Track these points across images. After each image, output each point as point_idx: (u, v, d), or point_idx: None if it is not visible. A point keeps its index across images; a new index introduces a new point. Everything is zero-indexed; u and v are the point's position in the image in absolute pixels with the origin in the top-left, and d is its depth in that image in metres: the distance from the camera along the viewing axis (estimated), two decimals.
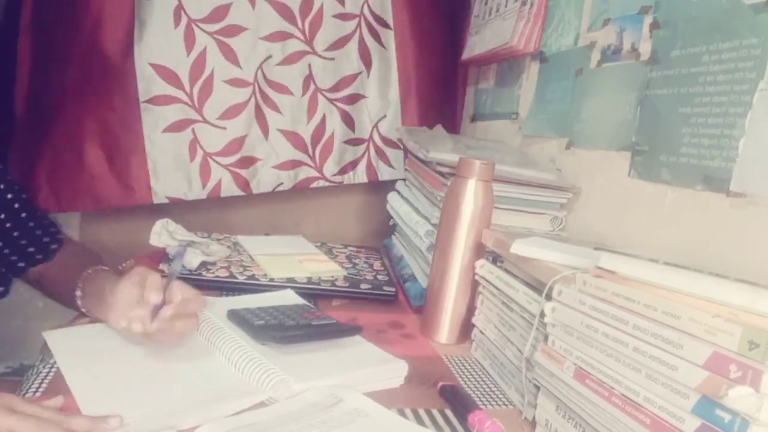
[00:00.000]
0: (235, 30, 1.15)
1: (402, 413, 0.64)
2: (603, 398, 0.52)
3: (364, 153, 1.31)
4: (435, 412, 0.66)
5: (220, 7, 1.13)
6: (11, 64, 1.08)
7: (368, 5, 1.24)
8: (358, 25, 1.24)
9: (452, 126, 1.37)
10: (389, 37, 1.27)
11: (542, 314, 0.62)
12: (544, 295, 0.62)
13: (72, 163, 1.11)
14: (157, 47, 1.11)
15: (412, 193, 1.15)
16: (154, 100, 1.12)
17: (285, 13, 1.18)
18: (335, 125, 1.28)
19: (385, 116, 1.30)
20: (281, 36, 1.19)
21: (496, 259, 0.80)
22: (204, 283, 0.96)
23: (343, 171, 1.31)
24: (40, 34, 1.06)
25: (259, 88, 1.20)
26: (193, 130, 1.16)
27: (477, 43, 1.31)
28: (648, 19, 0.82)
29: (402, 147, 1.33)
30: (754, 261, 0.62)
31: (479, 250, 0.84)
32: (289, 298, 0.93)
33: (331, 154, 1.29)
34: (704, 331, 0.43)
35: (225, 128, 1.18)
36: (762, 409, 0.38)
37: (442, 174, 0.95)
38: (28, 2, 1.06)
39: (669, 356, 0.45)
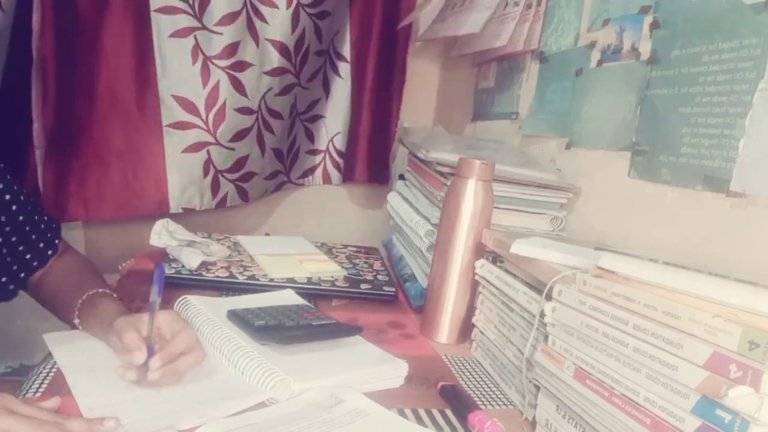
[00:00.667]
0: (243, 65, 1.32)
1: (402, 413, 0.64)
2: (603, 398, 0.52)
3: (321, 161, 1.59)
4: (435, 412, 0.66)
5: (231, 45, 1.29)
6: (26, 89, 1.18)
7: (333, 43, 1.49)
8: (325, 60, 1.50)
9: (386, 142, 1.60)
10: (346, 68, 1.52)
11: (542, 314, 0.62)
12: (544, 295, 0.62)
13: (99, 177, 1.26)
14: (178, 81, 1.28)
15: (412, 193, 1.15)
16: (176, 125, 1.29)
17: (283, 51, 1.36)
18: (301, 140, 1.55)
19: (338, 133, 1.57)
20: (280, 71, 1.38)
21: (496, 259, 0.80)
22: (204, 283, 0.96)
23: (304, 175, 1.58)
24: (64, 63, 1.20)
25: (262, 116, 1.39)
26: (208, 151, 1.32)
27: (441, 29, 1.34)
28: (648, 19, 0.82)
29: (348, 158, 1.58)
30: (754, 261, 0.63)
31: (479, 250, 0.84)
32: (289, 298, 0.93)
33: (296, 162, 1.56)
34: (704, 331, 0.43)
35: (234, 149, 1.35)
36: (762, 409, 0.38)
37: (442, 174, 0.95)
38: (48, 33, 1.17)
39: (669, 356, 0.45)
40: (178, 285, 0.93)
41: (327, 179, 1.61)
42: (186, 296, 0.82)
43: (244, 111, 1.34)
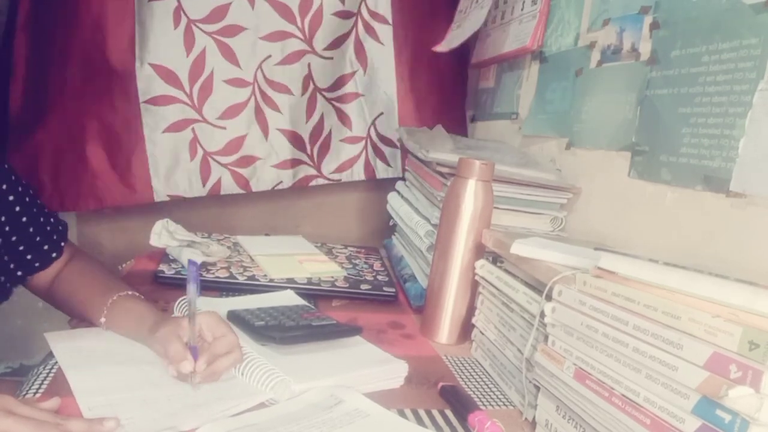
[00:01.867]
0: (234, 30, 1.15)
1: (402, 413, 0.64)
2: (603, 398, 0.52)
3: (362, 151, 1.31)
4: (435, 412, 0.66)
5: (220, 8, 1.13)
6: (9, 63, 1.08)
7: (366, 3, 1.24)
8: (355, 23, 1.24)
9: (457, 127, 1.36)
10: (387, 32, 1.26)
11: (542, 314, 0.62)
12: (544, 295, 0.62)
13: (74, 163, 1.11)
14: (157, 48, 1.11)
15: (412, 194, 1.15)
16: (155, 101, 1.12)
17: (284, 12, 1.18)
18: (332, 124, 1.28)
19: (382, 113, 1.30)
20: (281, 36, 1.19)
21: (496, 259, 0.80)
22: (204, 284, 0.96)
23: (340, 169, 1.31)
24: (38, 32, 1.06)
25: (259, 88, 1.20)
26: (193, 129, 1.16)
27: (489, 47, 1.29)
28: (648, 19, 0.82)
29: (399, 146, 1.33)
30: (754, 261, 0.62)
31: (479, 251, 0.84)
32: (289, 298, 0.93)
33: (329, 152, 1.29)
34: (704, 332, 0.43)
35: (225, 128, 1.19)
36: (762, 409, 0.38)
37: (442, 174, 0.95)
38: (24, 2, 1.06)
39: (669, 356, 0.45)
40: (179, 285, 0.93)
41: (371, 174, 1.32)
42: (185, 297, 0.81)
43: (236, 83, 1.17)
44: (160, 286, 0.95)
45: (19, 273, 0.80)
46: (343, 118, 1.28)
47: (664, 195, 0.76)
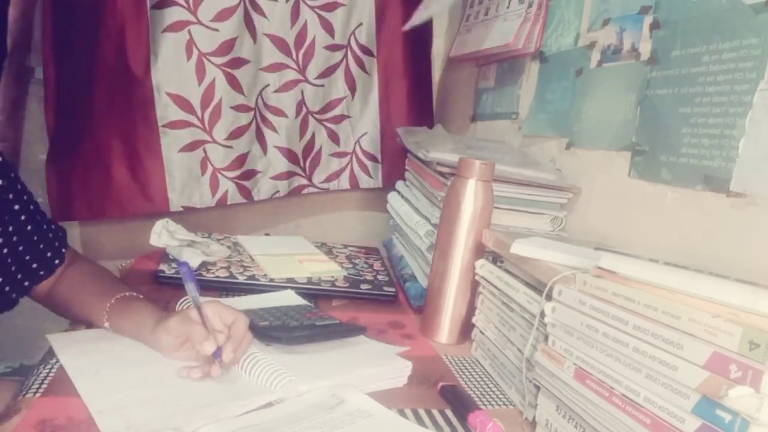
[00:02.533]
0: (239, 62, 1.29)
1: (402, 413, 0.64)
2: (603, 398, 0.52)
3: (348, 164, 1.49)
4: (435, 412, 0.66)
5: (226, 42, 1.26)
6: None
7: (354, 36, 1.41)
8: (345, 55, 1.42)
9: (428, 123, 1.52)
10: (372, 63, 1.44)
11: (542, 314, 0.62)
12: (544, 295, 0.62)
13: (101, 177, 1.25)
14: (173, 78, 1.25)
15: (412, 193, 1.15)
16: (171, 125, 1.26)
17: (281, 46, 1.33)
18: (323, 141, 1.46)
19: (366, 133, 1.49)
20: (278, 67, 1.35)
21: (496, 259, 0.80)
22: (204, 283, 0.96)
23: (328, 179, 1.49)
24: (63, 63, 1.19)
25: (260, 113, 1.35)
26: (204, 149, 1.30)
27: (468, 41, 1.33)
28: (648, 19, 0.82)
29: (380, 161, 1.51)
30: (754, 261, 0.63)
31: (479, 250, 0.84)
32: (290, 298, 0.93)
33: (319, 165, 1.47)
34: (704, 331, 0.43)
35: (231, 147, 1.32)
36: (762, 409, 0.38)
37: (442, 174, 0.95)
38: (48, 34, 1.17)
39: (669, 356, 0.45)
40: (179, 285, 0.92)
41: (354, 184, 1.51)
42: (187, 297, 0.80)
43: (241, 108, 1.32)
44: (160, 286, 0.95)
45: (26, 283, 0.79)
46: (332, 136, 1.46)
47: (664, 195, 0.76)
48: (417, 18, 1.32)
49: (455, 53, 1.41)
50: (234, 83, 1.29)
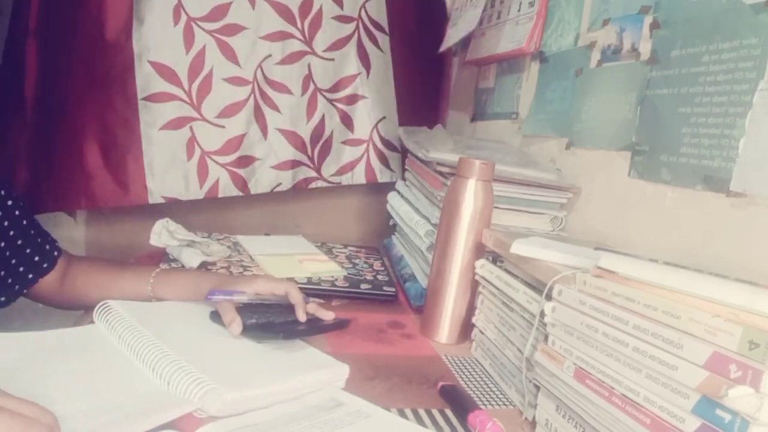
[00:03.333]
0: (234, 29, 1.15)
1: (402, 413, 0.64)
2: (603, 398, 0.52)
3: (363, 154, 1.31)
4: (435, 412, 0.66)
5: (220, 6, 1.13)
6: (20, 68, 1.10)
7: (365, 9, 1.26)
8: (356, 28, 1.26)
9: (436, 119, 1.43)
10: (386, 41, 1.29)
11: (542, 314, 0.62)
12: (544, 295, 0.62)
13: (70, 162, 1.10)
14: (157, 45, 1.10)
15: (412, 193, 1.15)
16: (153, 98, 1.11)
17: (285, 13, 1.19)
18: (334, 125, 1.28)
19: (384, 117, 1.31)
20: (281, 36, 1.19)
21: (496, 259, 0.80)
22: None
23: (341, 172, 1.31)
24: (46, 37, 1.07)
25: (259, 87, 1.19)
26: (191, 128, 1.15)
27: (483, 45, 1.32)
28: (648, 19, 0.82)
29: (399, 150, 1.34)
30: (754, 261, 0.63)
31: (479, 250, 0.84)
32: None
33: (329, 154, 1.29)
34: (704, 331, 0.43)
35: (224, 126, 1.17)
36: (762, 409, 0.38)
37: (442, 174, 0.95)
38: (34, 7, 1.07)
39: (669, 356, 0.45)
40: None
41: (372, 177, 1.32)
42: (107, 301, 0.74)
43: (236, 81, 1.17)
44: None
45: (30, 276, 0.80)
46: (345, 119, 1.29)
47: (664, 195, 0.76)
48: (449, 39, 1.25)
49: (471, 57, 1.38)
50: (228, 52, 1.15)
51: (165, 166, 1.14)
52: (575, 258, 0.64)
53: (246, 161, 1.22)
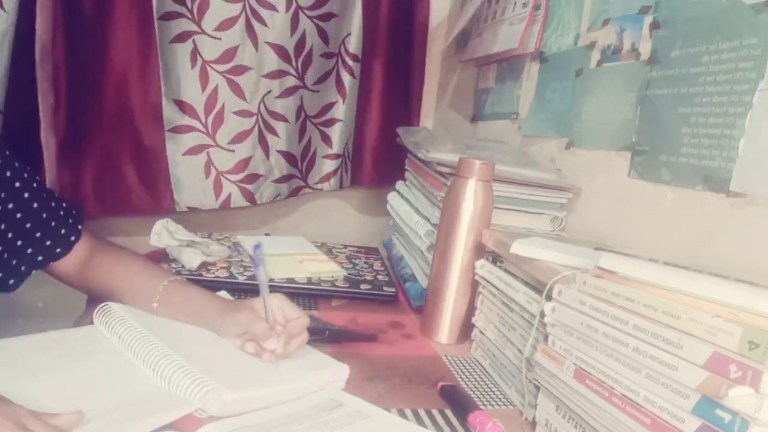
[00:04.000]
0: (241, 69, 1.35)
1: (402, 413, 0.64)
2: (603, 398, 0.52)
3: (339, 166, 1.55)
4: (435, 412, 0.66)
5: (229, 50, 1.33)
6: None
7: (344, 44, 1.47)
8: (336, 62, 1.48)
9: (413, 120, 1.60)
10: (358, 68, 1.50)
11: (542, 314, 0.62)
12: (544, 295, 0.62)
13: (112, 178, 1.31)
14: (179, 85, 1.32)
15: (412, 193, 1.15)
16: (176, 129, 1.33)
17: (282, 53, 1.39)
18: (317, 144, 1.52)
19: (350, 134, 1.55)
20: (279, 74, 1.40)
21: (496, 259, 0.80)
22: (204, 284, 0.96)
23: (322, 180, 1.55)
24: (74, 69, 1.23)
25: (262, 118, 1.41)
26: (207, 153, 1.37)
27: (479, 45, 1.33)
28: (648, 19, 0.82)
29: (354, 159, 1.55)
30: (754, 261, 0.62)
31: (479, 250, 0.84)
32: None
33: (314, 166, 1.53)
34: (704, 331, 0.43)
35: (234, 151, 1.38)
36: (762, 409, 0.38)
37: (442, 174, 0.95)
38: (59, 42, 1.19)
39: (669, 356, 0.45)
40: None
41: (343, 184, 1.58)
42: (108, 303, 0.75)
43: (243, 114, 1.37)
44: None
45: (40, 258, 0.80)
46: (325, 138, 1.52)
47: (664, 195, 0.76)
48: (474, 51, 1.35)
49: (468, 57, 1.42)
50: (236, 89, 1.35)
51: (187, 184, 1.37)
52: (575, 258, 0.64)
53: (252, 178, 1.42)
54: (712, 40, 0.70)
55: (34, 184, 0.79)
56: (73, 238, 0.82)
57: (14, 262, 0.77)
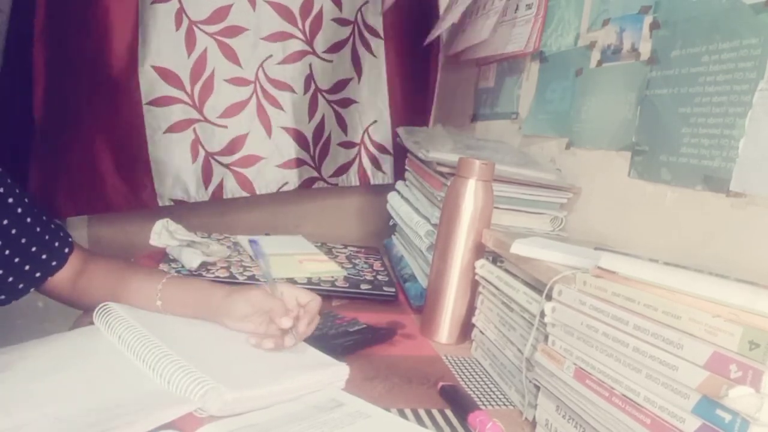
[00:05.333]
0: (235, 31, 1.17)
1: (402, 413, 0.64)
2: (603, 398, 0.52)
3: (356, 157, 1.35)
4: (435, 412, 0.66)
5: (221, 9, 1.15)
6: (28, 73, 1.09)
7: (361, 13, 1.28)
8: (352, 31, 1.28)
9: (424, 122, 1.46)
10: (380, 45, 1.31)
11: (542, 314, 0.62)
12: (544, 295, 0.62)
13: (85, 170, 1.14)
14: (159, 49, 1.13)
15: (412, 193, 1.15)
16: (156, 102, 1.14)
17: (285, 14, 1.20)
18: (332, 126, 1.31)
19: (375, 122, 1.34)
20: (282, 36, 1.21)
21: (496, 259, 0.80)
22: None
23: (338, 173, 1.34)
24: (53, 41, 1.08)
25: (261, 86, 1.21)
26: (194, 129, 1.17)
27: (464, 41, 1.33)
28: (648, 19, 0.82)
29: (392, 152, 1.37)
30: (754, 261, 0.63)
31: (479, 250, 0.84)
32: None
33: (328, 155, 1.32)
34: (704, 331, 0.43)
35: (226, 126, 1.19)
36: (762, 409, 0.38)
37: (442, 174, 0.95)
38: (41, 11, 1.08)
39: (669, 356, 0.45)
40: None
41: (365, 179, 1.37)
42: (108, 303, 0.75)
43: (237, 82, 1.19)
44: None
45: (38, 274, 0.78)
46: (340, 122, 1.32)
47: (664, 195, 0.76)
48: (436, 30, 1.29)
49: (455, 50, 1.40)
50: (228, 53, 1.16)
51: (171, 171, 1.17)
52: (575, 258, 0.64)
53: (250, 161, 1.23)
54: (712, 40, 0.70)
55: (26, 199, 0.78)
56: (66, 250, 0.81)
57: (11, 279, 0.76)
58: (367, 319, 0.92)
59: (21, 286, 0.77)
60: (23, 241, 0.76)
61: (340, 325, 0.85)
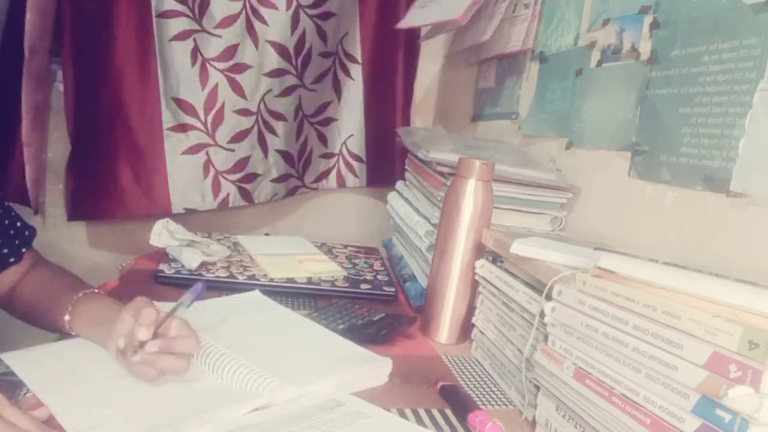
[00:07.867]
0: (242, 68, 1.36)
1: (402, 413, 0.64)
2: (603, 398, 0.52)
3: (334, 165, 1.57)
4: (435, 412, 0.66)
5: (229, 48, 1.34)
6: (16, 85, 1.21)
7: (342, 44, 1.49)
8: (333, 62, 1.49)
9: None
10: (357, 70, 1.52)
11: (542, 314, 0.62)
12: (544, 295, 0.62)
13: (107, 180, 1.32)
14: (178, 84, 1.32)
15: (412, 193, 1.15)
16: (175, 128, 1.33)
17: (282, 52, 1.39)
18: (313, 143, 1.54)
19: (352, 135, 1.57)
20: (279, 73, 1.40)
21: (496, 259, 0.80)
22: (204, 284, 0.95)
23: (318, 179, 1.57)
24: (80, 60, 1.26)
25: (261, 117, 1.41)
26: (207, 152, 1.36)
27: (466, 41, 1.34)
28: (648, 19, 0.82)
29: (365, 161, 1.59)
30: (754, 261, 0.63)
31: (479, 250, 0.84)
32: (258, 300, 0.91)
33: (310, 165, 1.55)
34: (704, 331, 0.43)
35: (233, 150, 1.39)
36: (762, 409, 0.38)
37: (442, 174, 0.95)
38: (67, 30, 1.23)
39: (669, 356, 0.45)
40: (179, 285, 0.93)
41: (341, 183, 1.59)
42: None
43: (243, 113, 1.38)
44: (160, 286, 0.95)
45: None
46: (321, 138, 1.54)
47: (664, 195, 0.76)
48: (413, 19, 1.33)
49: (456, 48, 1.43)
50: (236, 88, 1.35)
51: (185, 184, 1.36)
52: (575, 258, 0.64)
53: (251, 178, 1.43)
54: (712, 40, 0.70)
55: None
56: (24, 249, 0.81)
57: None
58: None
59: None
60: None
61: (362, 315, 0.87)
